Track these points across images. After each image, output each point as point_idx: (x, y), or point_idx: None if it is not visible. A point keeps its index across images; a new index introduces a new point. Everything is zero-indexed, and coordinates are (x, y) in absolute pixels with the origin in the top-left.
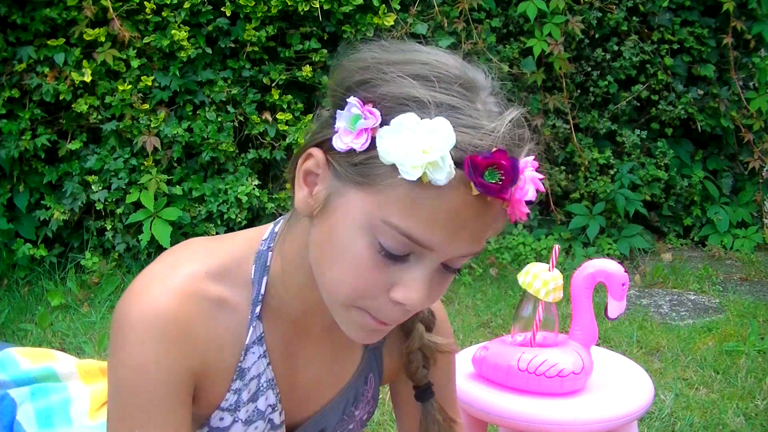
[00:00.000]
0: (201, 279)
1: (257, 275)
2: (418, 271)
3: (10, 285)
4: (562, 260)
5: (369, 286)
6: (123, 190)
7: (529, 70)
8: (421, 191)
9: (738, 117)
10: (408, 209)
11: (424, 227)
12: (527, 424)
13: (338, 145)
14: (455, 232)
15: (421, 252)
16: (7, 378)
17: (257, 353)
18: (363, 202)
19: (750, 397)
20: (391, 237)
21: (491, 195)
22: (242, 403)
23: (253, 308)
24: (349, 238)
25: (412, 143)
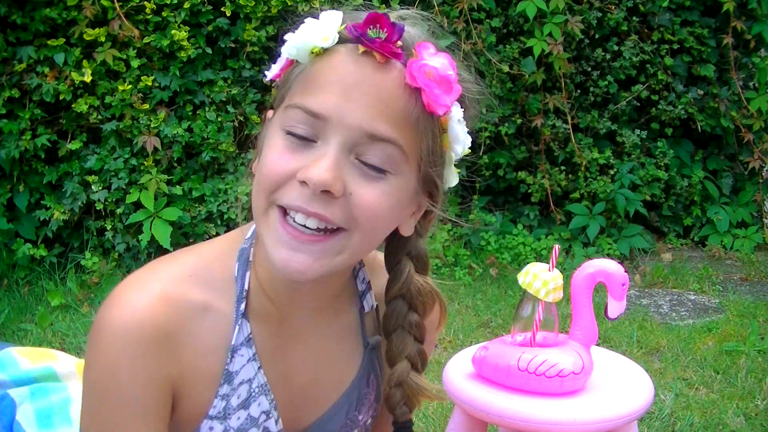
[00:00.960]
0: (182, 283)
1: (240, 272)
2: (321, 151)
3: (10, 285)
4: (562, 260)
5: (279, 172)
6: (123, 190)
7: (529, 70)
8: (313, 65)
9: (738, 117)
10: (304, 86)
11: (317, 95)
12: (527, 424)
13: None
14: (345, 93)
15: (323, 131)
16: (7, 378)
17: (246, 356)
18: (278, 112)
19: (750, 397)
20: (293, 118)
21: (373, 46)
22: (232, 409)
23: (238, 306)
24: (269, 141)
25: (306, 30)
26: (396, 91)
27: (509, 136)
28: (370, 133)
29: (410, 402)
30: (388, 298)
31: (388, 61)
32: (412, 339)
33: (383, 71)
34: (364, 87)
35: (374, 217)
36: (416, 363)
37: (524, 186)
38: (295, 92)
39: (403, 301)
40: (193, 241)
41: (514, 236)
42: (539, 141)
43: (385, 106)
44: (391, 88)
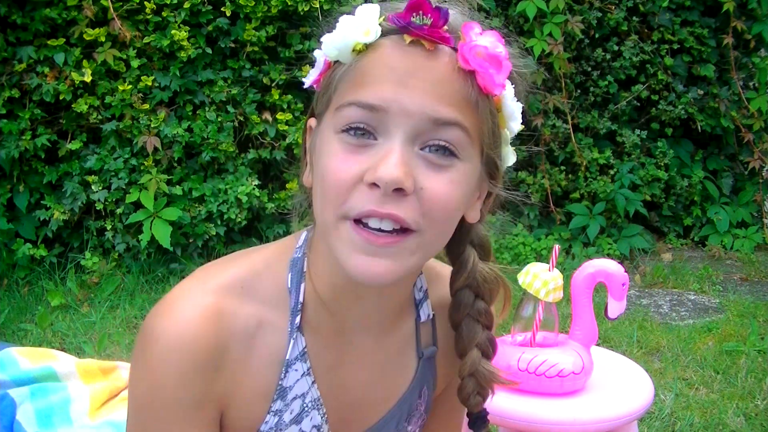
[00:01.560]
0: (235, 295)
1: (294, 283)
2: (386, 147)
3: (10, 285)
4: (562, 260)
5: (343, 174)
6: (123, 190)
7: (528, 71)
8: (359, 62)
9: (738, 117)
10: (354, 84)
11: (371, 89)
12: (527, 424)
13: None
14: (401, 83)
15: (383, 126)
16: (7, 378)
17: (300, 370)
18: (328, 114)
19: (750, 397)
20: (348, 116)
21: (422, 34)
22: (284, 425)
23: (293, 319)
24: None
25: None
26: (451, 75)
27: None
28: (434, 117)
29: (483, 391)
30: (454, 290)
31: (436, 47)
32: (481, 327)
33: (434, 58)
34: (419, 74)
35: (447, 210)
36: (487, 350)
37: (524, 186)
38: (343, 92)
39: (469, 291)
40: (193, 241)
41: (514, 236)
42: (539, 141)
43: (443, 90)
44: (446, 73)
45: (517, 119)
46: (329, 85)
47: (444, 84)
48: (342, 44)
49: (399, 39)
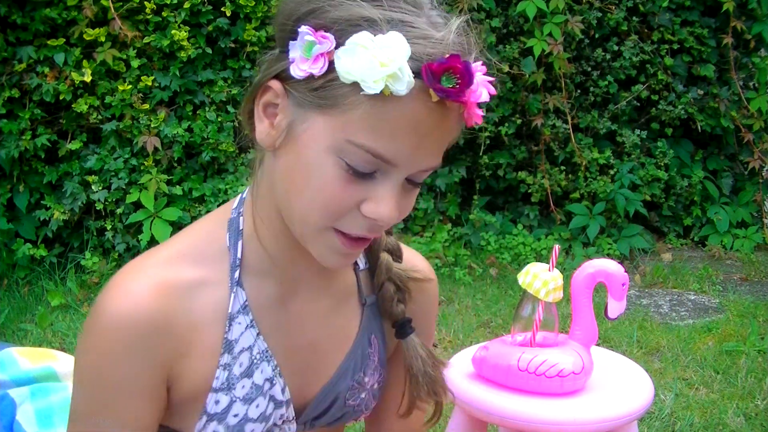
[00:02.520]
0: (176, 263)
1: (232, 240)
2: (385, 187)
3: (10, 285)
4: (562, 260)
5: (341, 205)
6: (123, 190)
7: (528, 70)
8: (383, 106)
9: (738, 117)
10: (372, 126)
11: (388, 142)
12: (527, 424)
13: (296, 73)
14: (418, 143)
15: (387, 168)
16: (7, 378)
17: (243, 323)
18: (327, 124)
19: (750, 397)
20: (357, 156)
21: (451, 98)
22: (235, 378)
23: (232, 274)
24: (317, 161)
25: (370, 59)
26: (455, 127)
27: (509, 136)
28: (427, 169)
29: (402, 294)
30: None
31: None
32: (386, 234)
33: (449, 114)
34: (434, 135)
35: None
36: (396, 251)
37: (524, 186)
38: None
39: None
40: None
41: (514, 236)
42: (539, 141)
43: (445, 146)
44: (452, 128)
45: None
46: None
47: (448, 140)
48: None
49: (424, 91)
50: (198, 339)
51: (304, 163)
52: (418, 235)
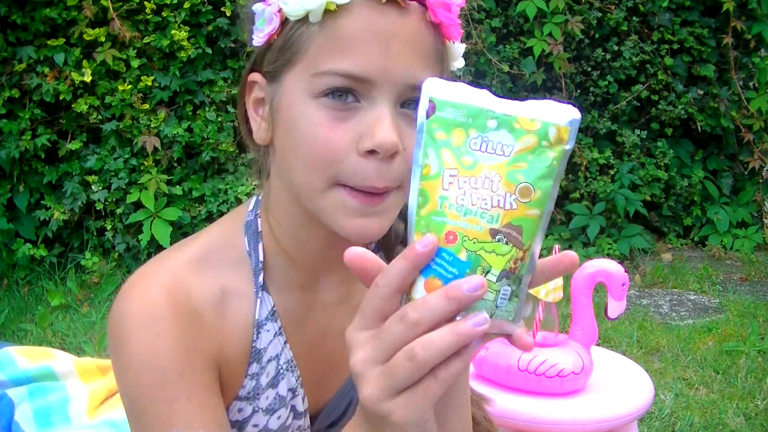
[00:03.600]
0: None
1: (251, 245)
2: (374, 112)
3: (10, 285)
4: None
5: (335, 148)
6: (123, 190)
7: (529, 70)
8: (334, 25)
9: (738, 117)
10: (331, 49)
11: (352, 57)
12: (527, 424)
13: (258, 42)
14: (384, 51)
15: (366, 90)
16: (5, 378)
17: (272, 331)
18: (296, 75)
19: (750, 397)
20: (328, 85)
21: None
22: (261, 389)
23: (256, 279)
24: (300, 114)
25: None
26: (423, 31)
27: None
28: (413, 84)
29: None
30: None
31: (408, 3)
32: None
33: (407, 15)
34: (398, 38)
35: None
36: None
37: None
38: (319, 56)
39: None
40: None
41: None
42: None
43: (420, 52)
44: (418, 30)
45: (460, 59)
46: (291, 44)
47: (419, 44)
48: (311, 3)
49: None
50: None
51: (291, 122)
52: None
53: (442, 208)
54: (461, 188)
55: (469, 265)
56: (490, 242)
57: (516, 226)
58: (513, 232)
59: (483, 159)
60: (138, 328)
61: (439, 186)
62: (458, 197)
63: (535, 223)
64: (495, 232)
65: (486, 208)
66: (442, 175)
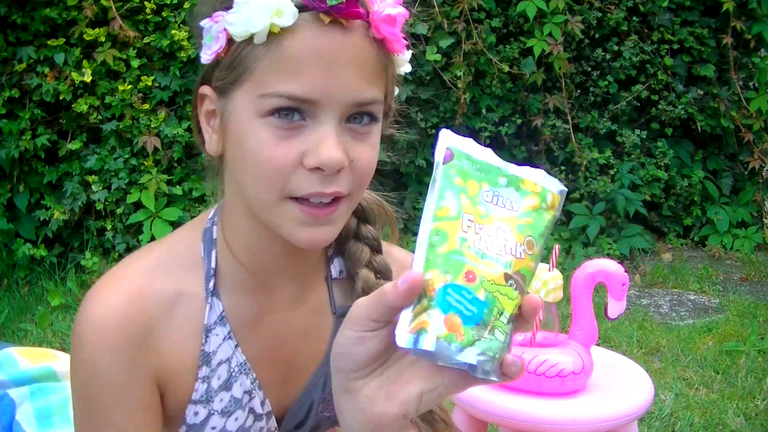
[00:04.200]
0: (153, 274)
1: (206, 251)
2: (318, 131)
3: (10, 285)
4: (562, 260)
5: (281, 164)
6: (123, 190)
7: (529, 70)
8: (279, 47)
9: (738, 117)
10: (276, 70)
11: (296, 79)
12: (527, 424)
13: (206, 59)
14: (327, 72)
15: (311, 110)
16: (7, 378)
17: (221, 334)
18: (244, 94)
19: (750, 397)
20: (274, 105)
21: (340, 14)
22: (213, 392)
23: (207, 285)
24: (248, 132)
25: (251, 7)
26: (366, 49)
27: (509, 136)
28: (357, 102)
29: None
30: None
31: (352, 22)
32: (369, 249)
33: (350, 34)
34: (341, 58)
35: (372, 172)
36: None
37: None
38: (265, 77)
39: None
40: None
41: None
42: (539, 141)
43: (364, 69)
44: (362, 48)
45: (407, 65)
46: (238, 64)
47: (363, 62)
48: (255, 26)
49: (314, 18)
50: (177, 350)
51: (240, 140)
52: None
53: (461, 248)
54: (477, 233)
55: (486, 305)
56: (504, 286)
57: (522, 274)
58: (520, 279)
59: (494, 211)
60: (88, 338)
61: (459, 227)
62: (475, 241)
63: (531, 275)
64: (508, 277)
65: (500, 254)
66: (462, 218)
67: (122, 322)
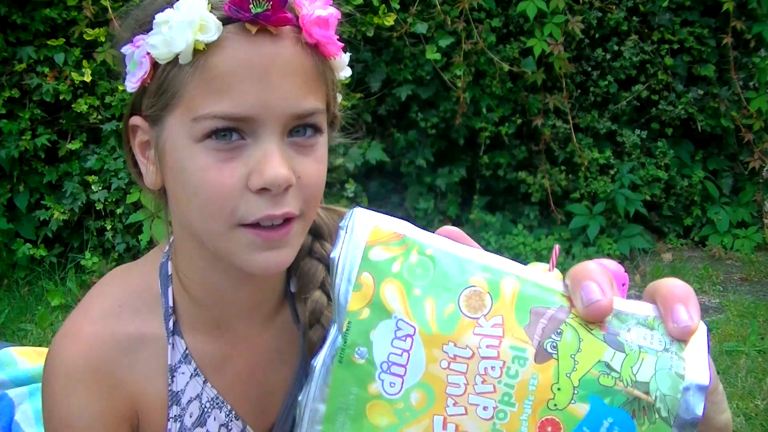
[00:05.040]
0: (113, 318)
1: (163, 288)
2: (260, 149)
3: (10, 285)
4: (562, 260)
5: (227, 190)
6: (123, 190)
7: (529, 70)
8: (206, 65)
9: (738, 117)
10: (207, 91)
11: (228, 97)
12: None
13: (131, 87)
14: (261, 85)
15: (250, 128)
16: (6, 378)
17: (187, 373)
18: (176, 119)
19: (750, 397)
20: (209, 128)
21: (268, 22)
22: (187, 429)
23: (167, 324)
24: (186, 160)
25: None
26: (300, 55)
27: (509, 136)
28: (298, 114)
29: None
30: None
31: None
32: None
33: (281, 42)
34: (275, 69)
35: (321, 187)
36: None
37: (524, 186)
38: (195, 99)
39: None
40: None
41: (514, 236)
42: (539, 141)
43: (300, 78)
44: (295, 56)
45: (346, 68)
46: (166, 88)
47: (299, 70)
48: (178, 45)
49: (241, 29)
50: (145, 392)
51: (179, 169)
52: None
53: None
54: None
55: None
56: None
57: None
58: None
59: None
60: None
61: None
62: None
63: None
64: None
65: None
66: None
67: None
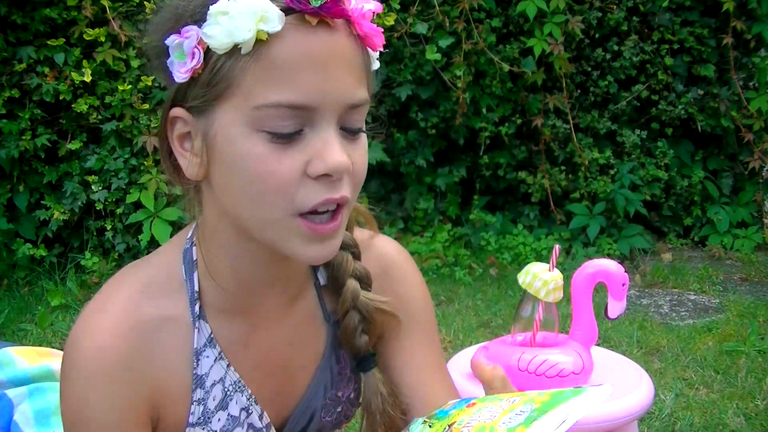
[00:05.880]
0: (136, 302)
1: (188, 274)
2: (320, 137)
3: (10, 285)
4: (562, 260)
5: (286, 179)
6: (123, 190)
7: (529, 70)
8: (268, 55)
9: (738, 117)
10: (269, 80)
11: (292, 86)
12: None
13: (180, 78)
14: (323, 75)
15: (309, 117)
16: (5, 378)
17: (212, 356)
18: (231, 109)
19: (750, 397)
20: (273, 117)
21: (329, 14)
22: (210, 413)
23: (192, 308)
24: (242, 150)
25: (232, 16)
26: (352, 47)
27: (509, 136)
28: (352, 104)
29: (368, 326)
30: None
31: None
32: (352, 256)
33: (336, 33)
34: (332, 60)
35: (364, 175)
36: (365, 279)
37: (524, 186)
38: (257, 88)
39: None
40: None
41: (514, 236)
42: (539, 141)
43: (354, 69)
44: (348, 47)
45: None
46: (221, 79)
47: (352, 61)
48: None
49: (301, 20)
50: (169, 376)
51: (233, 160)
52: (418, 235)
53: None
54: None
55: None
56: None
57: None
58: None
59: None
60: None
61: None
62: None
63: None
64: None
65: None
66: None
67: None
